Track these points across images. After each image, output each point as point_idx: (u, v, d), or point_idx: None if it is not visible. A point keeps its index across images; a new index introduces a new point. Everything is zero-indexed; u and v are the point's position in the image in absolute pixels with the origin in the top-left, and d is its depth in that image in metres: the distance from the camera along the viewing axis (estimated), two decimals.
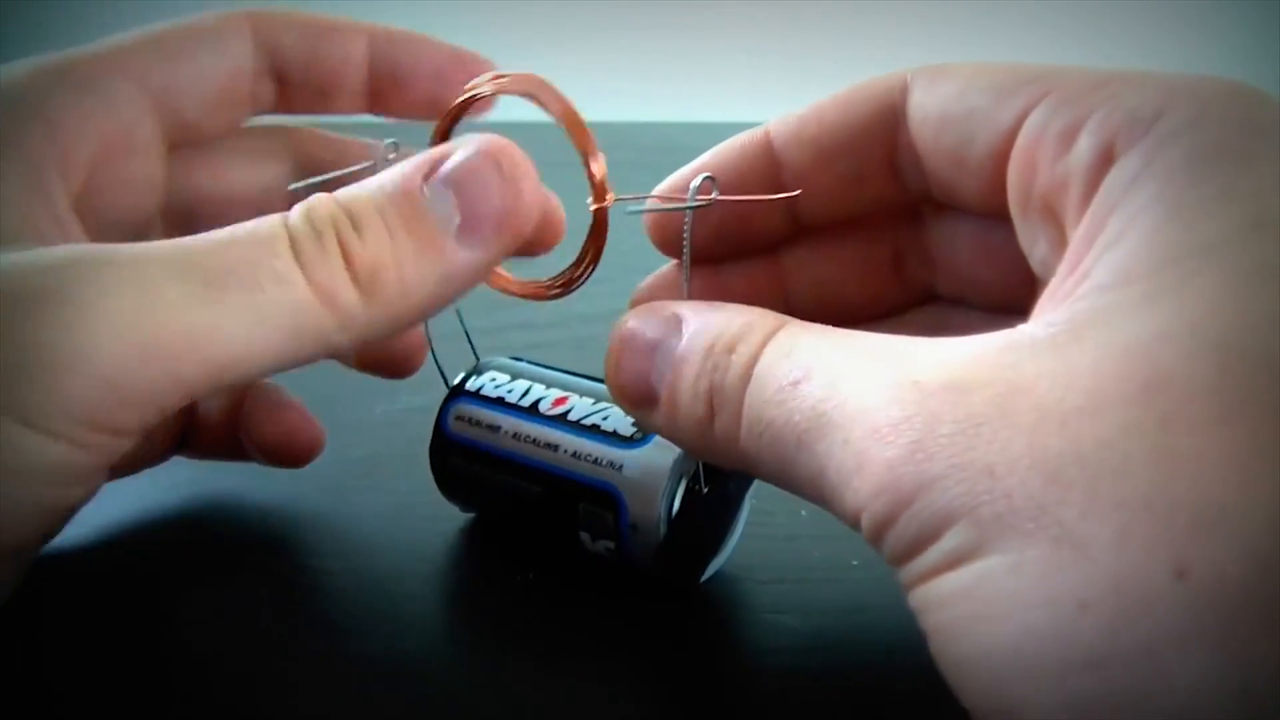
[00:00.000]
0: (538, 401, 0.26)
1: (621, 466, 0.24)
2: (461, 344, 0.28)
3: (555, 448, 0.25)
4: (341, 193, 0.21)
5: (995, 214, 0.21)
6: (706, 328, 0.20)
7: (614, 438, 0.25)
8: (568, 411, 0.26)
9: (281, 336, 0.19)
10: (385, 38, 0.27)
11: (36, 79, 0.23)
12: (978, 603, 0.15)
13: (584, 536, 0.25)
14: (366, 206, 0.20)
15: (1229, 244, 0.16)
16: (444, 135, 0.24)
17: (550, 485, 0.25)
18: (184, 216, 0.26)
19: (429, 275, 0.21)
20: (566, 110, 0.22)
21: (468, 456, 0.26)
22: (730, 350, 0.20)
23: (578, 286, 0.24)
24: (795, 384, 0.18)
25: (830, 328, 0.19)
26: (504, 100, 0.24)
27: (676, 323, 0.21)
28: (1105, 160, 0.18)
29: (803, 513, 0.29)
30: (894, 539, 0.17)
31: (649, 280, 0.26)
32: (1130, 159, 0.17)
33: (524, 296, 0.25)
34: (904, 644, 0.24)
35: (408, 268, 0.20)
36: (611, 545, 0.25)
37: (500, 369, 0.28)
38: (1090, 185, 0.18)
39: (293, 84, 0.27)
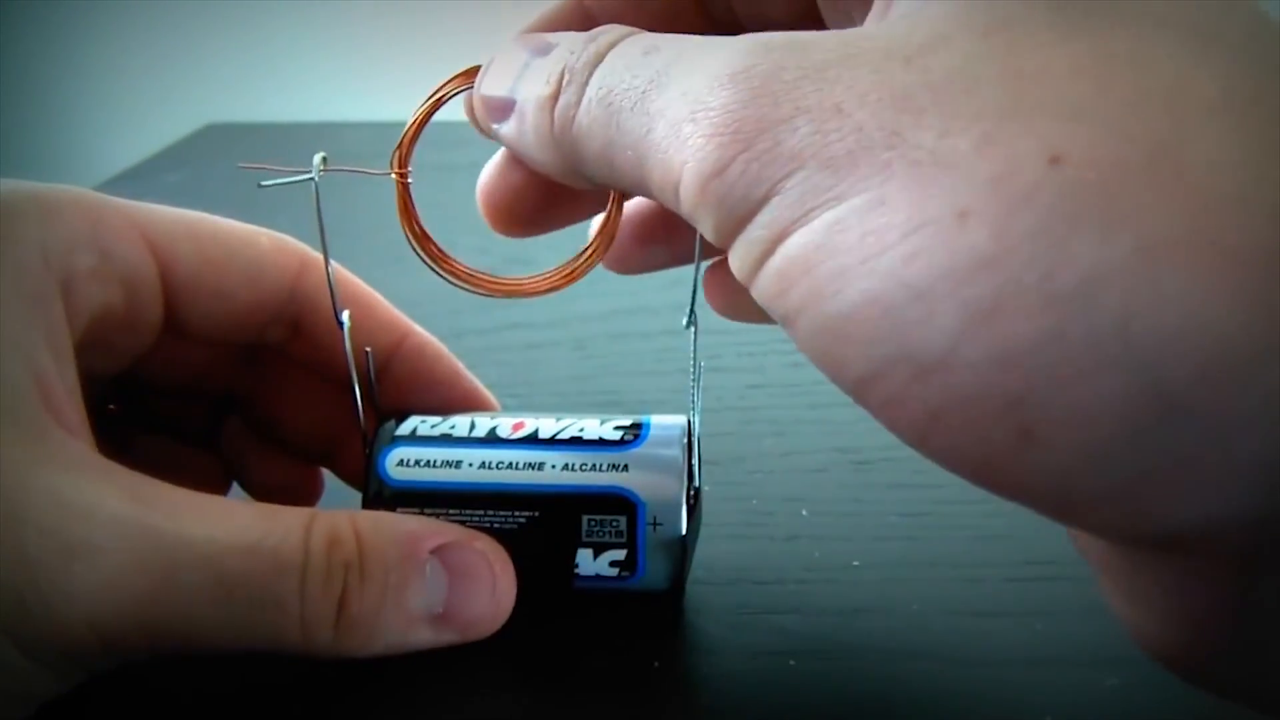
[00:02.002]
0: (494, 429, 0.25)
1: (627, 466, 0.24)
2: None
3: (540, 466, 0.24)
4: (365, 526, 0.21)
5: None
6: (572, 37, 0.19)
7: (603, 444, 0.24)
8: (534, 432, 0.25)
9: (245, 637, 0.20)
10: (416, 351, 0.27)
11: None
12: (845, 253, 0.15)
13: (583, 556, 0.24)
14: (379, 560, 0.21)
15: None
16: (413, 138, 0.22)
17: (543, 506, 0.24)
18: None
19: (394, 640, 0.22)
20: None
21: (424, 501, 0.24)
22: (591, 40, 0.19)
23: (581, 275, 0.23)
24: (646, 54, 0.18)
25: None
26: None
27: (550, 46, 0.20)
28: None
29: (803, 512, 0.29)
30: (725, 189, 0.16)
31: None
32: None
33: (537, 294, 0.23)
34: (905, 645, 0.24)
35: (382, 628, 0.21)
36: (621, 556, 0.24)
37: (417, 415, 0.26)
38: None
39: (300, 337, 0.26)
